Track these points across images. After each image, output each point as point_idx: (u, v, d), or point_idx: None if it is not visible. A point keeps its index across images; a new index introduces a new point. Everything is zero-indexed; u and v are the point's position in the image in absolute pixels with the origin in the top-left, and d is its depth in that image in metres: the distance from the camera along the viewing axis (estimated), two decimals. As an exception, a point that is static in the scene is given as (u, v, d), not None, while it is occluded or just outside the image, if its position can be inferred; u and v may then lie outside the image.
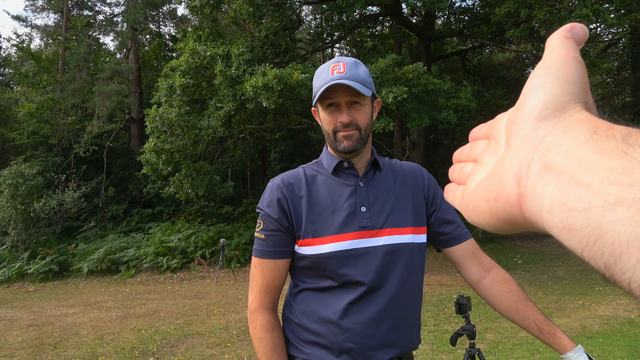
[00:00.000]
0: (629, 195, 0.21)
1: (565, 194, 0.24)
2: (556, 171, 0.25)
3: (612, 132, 0.24)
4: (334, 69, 1.22)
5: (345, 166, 1.31)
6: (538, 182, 0.26)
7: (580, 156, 0.24)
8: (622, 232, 0.21)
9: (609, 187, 0.22)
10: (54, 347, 5.34)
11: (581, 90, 0.29)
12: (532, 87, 0.30)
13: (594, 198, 0.22)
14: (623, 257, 0.21)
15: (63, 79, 17.80)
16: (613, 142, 0.23)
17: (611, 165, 0.22)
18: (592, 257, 0.22)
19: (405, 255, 1.26)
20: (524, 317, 1.25)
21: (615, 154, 0.23)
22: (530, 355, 4.29)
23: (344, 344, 1.20)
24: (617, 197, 0.21)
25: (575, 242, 0.23)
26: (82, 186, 15.20)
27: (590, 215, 0.22)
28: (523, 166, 0.28)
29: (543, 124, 0.28)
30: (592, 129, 0.25)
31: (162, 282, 10.68)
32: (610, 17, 8.29)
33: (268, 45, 10.51)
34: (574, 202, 0.24)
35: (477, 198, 0.32)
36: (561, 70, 0.30)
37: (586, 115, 0.27)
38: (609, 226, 0.21)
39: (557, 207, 0.25)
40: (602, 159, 0.23)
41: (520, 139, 0.29)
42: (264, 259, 1.27)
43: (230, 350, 4.94)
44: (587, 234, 0.22)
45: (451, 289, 7.79)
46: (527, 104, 0.30)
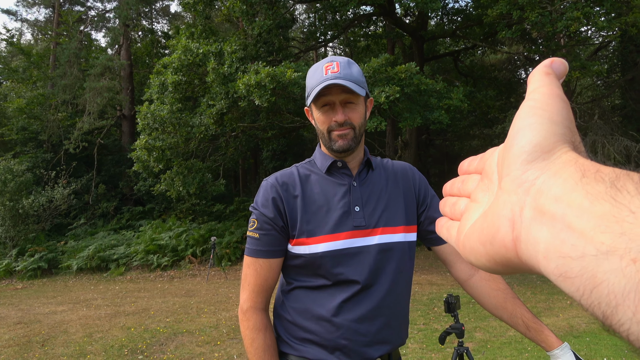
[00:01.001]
0: (620, 245, 0.21)
1: (560, 240, 0.24)
2: (549, 216, 0.25)
3: (601, 175, 0.24)
4: (327, 68, 1.23)
5: (338, 166, 1.31)
6: (532, 227, 0.26)
7: (572, 201, 0.24)
8: (616, 283, 0.21)
9: (600, 236, 0.22)
10: (41, 345, 5.29)
11: (567, 130, 0.29)
12: (519, 129, 0.30)
13: (587, 246, 0.22)
14: (619, 309, 0.20)
15: (53, 75, 17.62)
16: (602, 185, 0.24)
17: (602, 212, 0.22)
18: (590, 306, 0.22)
19: (397, 254, 1.28)
20: (511, 314, 1.27)
21: (605, 199, 0.23)
22: (518, 354, 4.33)
23: (337, 341, 1.21)
24: (609, 247, 0.21)
25: (572, 289, 0.23)
26: (72, 183, 15.07)
27: (584, 263, 0.22)
28: (516, 210, 0.28)
29: (533, 166, 0.28)
30: (581, 172, 0.25)
31: (152, 280, 10.62)
32: (600, 20, 8.38)
33: (261, 43, 10.49)
34: (568, 249, 0.24)
35: (473, 240, 0.32)
36: (547, 111, 0.30)
37: (574, 156, 0.27)
38: (604, 276, 0.21)
39: (552, 253, 0.25)
40: (592, 205, 0.23)
41: (511, 182, 0.29)
42: (258, 259, 1.26)
43: (220, 349, 4.93)
44: (583, 282, 0.22)
45: (441, 288, 7.83)
46: (516, 146, 0.30)
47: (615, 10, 8.76)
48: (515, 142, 0.30)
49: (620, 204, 0.22)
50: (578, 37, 10.25)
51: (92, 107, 16.15)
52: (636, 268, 0.20)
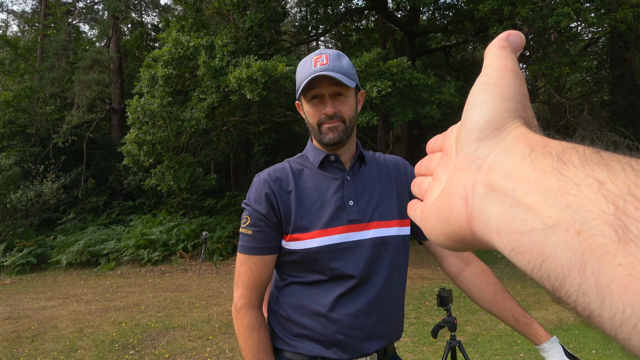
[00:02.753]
0: (565, 217, 0.21)
1: (510, 216, 0.25)
2: (499, 192, 0.26)
3: (548, 149, 0.25)
4: (316, 60, 1.21)
5: (331, 160, 1.30)
6: (484, 204, 0.27)
7: (520, 176, 0.25)
8: (562, 256, 0.21)
9: (547, 210, 0.22)
10: (31, 341, 5.25)
11: (519, 105, 0.30)
12: (472, 106, 0.30)
13: (535, 221, 0.23)
14: (567, 282, 0.21)
15: (41, 68, 17.36)
16: (549, 159, 0.24)
17: (548, 185, 0.23)
18: (540, 279, 0.23)
19: (392, 248, 1.28)
20: (501, 308, 1.27)
21: (552, 173, 0.23)
22: (508, 347, 4.39)
23: (333, 336, 1.21)
24: (555, 220, 0.22)
25: (524, 263, 0.24)
26: (61, 177, 14.90)
27: (533, 238, 0.23)
28: (469, 187, 0.28)
29: (484, 143, 0.28)
30: (530, 147, 0.26)
31: (143, 275, 10.57)
32: (590, 17, 8.43)
33: (252, 36, 10.41)
34: (517, 224, 0.24)
35: (432, 219, 0.32)
36: (498, 86, 0.30)
37: (524, 131, 0.27)
38: (551, 249, 0.22)
39: (503, 229, 0.25)
40: (539, 179, 0.24)
41: (464, 159, 0.30)
42: (252, 255, 1.25)
43: (212, 343, 4.92)
44: (533, 256, 0.23)
45: (432, 282, 7.89)
46: (468, 123, 0.30)
47: (605, 7, 8.82)
48: (467, 119, 0.30)
49: (566, 176, 0.22)
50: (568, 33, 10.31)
51: (81, 101, 15.95)
52: (580, 240, 0.20)
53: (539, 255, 0.22)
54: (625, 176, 0.20)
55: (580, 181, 0.22)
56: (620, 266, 0.19)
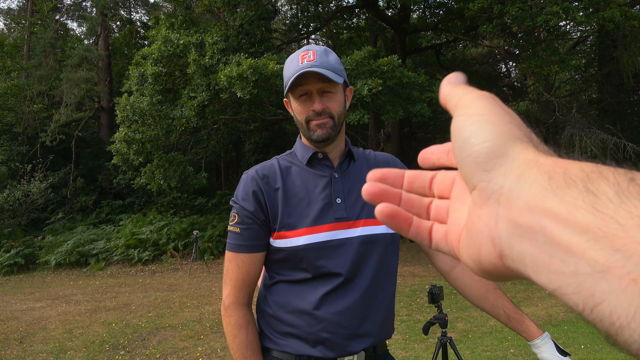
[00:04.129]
0: (616, 263, 0.19)
1: (546, 254, 0.23)
2: (525, 228, 0.24)
3: (570, 176, 0.23)
4: (303, 57, 1.20)
5: (319, 157, 1.29)
6: (512, 241, 0.25)
7: (547, 210, 0.23)
8: (618, 305, 0.19)
9: (591, 252, 0.20)
10: (19, 342, 5.18)
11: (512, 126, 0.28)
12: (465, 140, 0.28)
13: (579, 263, 0.21)
14: (625, 331, 0.19)
15: (28, 65, 17.13)
16: (575, 191, 0.22)
17: (585, 223, 0.21)
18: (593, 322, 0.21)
19: (380, 246, 1.27)
20: (493, 305, 1.27)
21: (584, 208, 0.21)
22: (499, 343, 4.42)
23: (319, 335, 1.20)
24: (604, 265, 0.20)
25: (571, 304, 0.22)
26: (49, 176, 14.73)
27: (580, 280, 0.21)
28: (492, 225, 0.27)
29: (493, 174, 0.27)
30: (546, 174, 0.24)
31: (133, 275, 10.49)
32: (579, 15, 8.51)
33: (243, 34, 10.37)
34: (558, 265, 0.22)
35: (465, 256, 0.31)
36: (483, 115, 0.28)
37: (532, 155, 0.26)
38: (604, 296, 0.20)
39: (540, 268, 0.23)
40: (570, 215, 0.22)
41: (478, 195, 0.28)
42: (240, 253, 1.24)
43: (203, 343, 4.90)
44: (581, 300, 0.21)
45: (423, 279, 7.92)
46: (468, 159, 0.28)
47: (593, 6, 8.90)
48: (465, 154, 0.28)
49: (604, 214, 0.20)
50: (557, 31, 10.41)
51: (69, 99, 15.76)
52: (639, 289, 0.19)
53: (589, 300, 0.20)
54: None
55: (625, 221, 0.20)
56: None
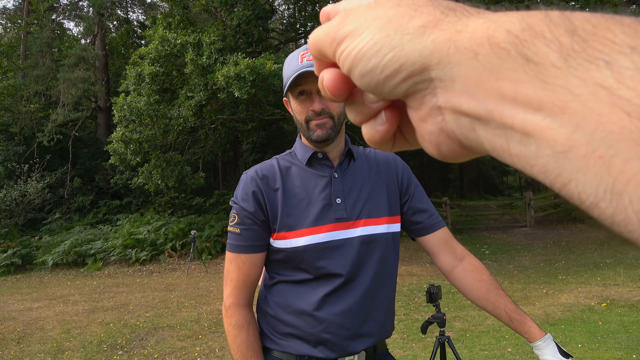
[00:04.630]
0: (578, 141, 0.18)
1: (503, 139, 0.21)
2: (473, 115, 0.22)
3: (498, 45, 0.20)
4: (303, 56, 1.19)
5: (319, 157, 1.29)
6: (464, 132, 0.23)
7: (487, 90, 0.20)
8: (586, 185, 0.18)
9: (550, 132, 0.18)
10: (17, 343, 5.17)
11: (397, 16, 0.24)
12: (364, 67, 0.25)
13: (539, 145, 0.19)
14: (595, 210, 0.18)
15: (25, 65, 17.08)
16: (511, 62, 0.19)
17: (536, 99, 0.19)
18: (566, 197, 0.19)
19: (381, 246, 1.27)
20: (494, 305, 1.26)
21: (529, 81, 0.19)
22: (496, 342, 4.43)
23: (320, 335, 1.20)
24: (566, 146, 0.18)
25: (539, 179, 0.20)
26: (46, 176, 14.68)
27: (543, 162, 0.19)
28: (438, 120, 0.24)
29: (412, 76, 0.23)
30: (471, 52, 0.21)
31: (131, 275, 10.47)
32: (575, 15, 8.54)
33: (240, 34, 10.36)
34: (517, 148, 0.20)
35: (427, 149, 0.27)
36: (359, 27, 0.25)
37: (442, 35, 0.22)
38: (570, 176, 0.18)
39: (501, 153, 0.21)
40: (516, 92, 0.19)
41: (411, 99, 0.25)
42: (240, 254, 1.24)
43: (201, 343, 4.90)
44: (548, 179, 0.19)
45: (421, 279, 7.94)
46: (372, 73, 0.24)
47: (589, 6, 8.95)
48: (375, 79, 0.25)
49: (554, 85, 0.18)
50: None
51: (66, 99, 15.72)
52: (606, 166, 0.17)
53: (557, 180, 0.19)
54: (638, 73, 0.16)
55: (579, 89, 0.17)
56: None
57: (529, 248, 10.66)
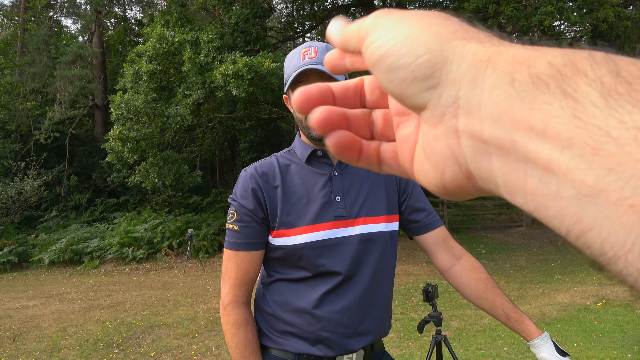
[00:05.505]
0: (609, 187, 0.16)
1: (521, 173, 0.19)
2: (493, 144, 0.20)
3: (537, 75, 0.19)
4: (305, 54, 1.20)
5: (319, 155, 1.29)
6: (479, 160, 0.21)
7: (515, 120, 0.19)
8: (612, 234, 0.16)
9: (577, 172, 0.17)
10: (12, 341, 5.15)
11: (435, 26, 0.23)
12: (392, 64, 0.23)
13: (561, 185, 0.17)
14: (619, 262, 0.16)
15: (21, 62, 17.00)
16: (549, 95, 0.18)
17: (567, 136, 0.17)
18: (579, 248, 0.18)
19: (379, 244, 1.27)
20: (492, 304, 1.27)
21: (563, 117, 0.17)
22: (492, 341, 4.45)
23: (318, 334, 1.20)
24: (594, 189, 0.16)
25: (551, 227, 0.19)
26: (42, 174, 14.62)
27: (563, 204, 0.17)
28: (453, 144, 0.22)
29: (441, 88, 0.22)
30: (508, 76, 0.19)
31: (128, 273, 10.45)
32: (573, 16, 8.56)
33: (238, 32, 10.34)
34: (535, 185, 0.18)
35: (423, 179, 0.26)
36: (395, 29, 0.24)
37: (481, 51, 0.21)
38: (594, 222, 0.16)
39: (515, 188, 0.20)
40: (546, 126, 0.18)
41: (430, 115, 0.23)
42: (238, 251, 1.23)
43: (198, 341, 4.90)
44: (565, 224, 0.18)
45: (418, 278, 7.95)
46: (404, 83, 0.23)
47: (587, 6, 8.97)
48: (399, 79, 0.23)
49: (590, 124, 0.16)
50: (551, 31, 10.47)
51: (63, 96, 15.66)
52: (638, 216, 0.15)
53: (575, 226, 0.17)
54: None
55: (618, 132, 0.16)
56: None
57: (526, 248, 10.69)
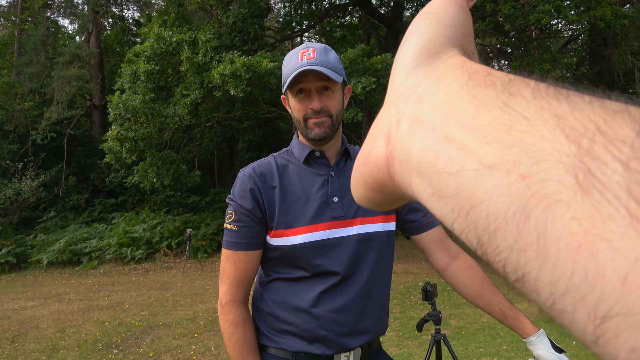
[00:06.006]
0: (508, 157, 0.17)
1: (434, 153, 0.20)
2: (425, 125, 0.22)
3: (492, 78, 0.21)
4: (303, 54, 1.20)
5: (316, 155, 1.30)
6: (406, 139, 0.22)
7: (453, 108, 0.21)
8: (499, 204, 0.17)
9: (485, 147, 0.18)
10: (11, 342, 5.15)
11: (461, 36, 0.26)
12: (408, 34, 0.27)
13: (466, 160, 0.19)
14: (499, 235, 0.17)
15: (19, 63, 16.95)
16: (492, 90, 0.20)
17: (489, 119, 0.19)
18: (464, 231, 0.19)
19: (377, 244, 1.28)
20: (488, 302, 1.28)
21: (495, 105, 0.19)
22: (491, 340, 4.45)
23: (316, 332, 1.21)
24: (495, 159, 0.17)
25: (445, 211, 0.20)
26: (40, 175, 14.59)
27: (462, 180, 0.19)
28: (393, 122, 0.24)
29: (415, 72, 0.24)
30: (468, 75, 0.22)
31: (127, 274, 10.44)
32: (570, 14, 8.58)
33: (236, 32, 10.33)
34: (443, 163, 0.20)
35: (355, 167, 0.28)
36: (439, 14, 0.27)
37: (462, 59, 0.23)
38: (484, 195, 0.17)
39: (425, 168, 0.21)
40: (478, 112, 0.19)
41: (393, 92, 0.25)
42: (237, 251, 1.24)
43: (197, 341, 4.90)
44: (458, 202, 0.19)
45: (417, 277, 7.96)
46: (401, 52, 0.26)
47: (584, 4, 8.97)
48: (401, 49, 0.27)
49: (513, 109, 0.18)
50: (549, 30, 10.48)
51: (61, 97, 15.62)
52: (525, 185, 0.16)
53: (467, 202, 0.18)
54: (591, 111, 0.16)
55: (532, 115, 0.17)
56: (575, 220, 0.15)
57: (524, 246, 10.68)
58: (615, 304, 0.13)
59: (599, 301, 0.14)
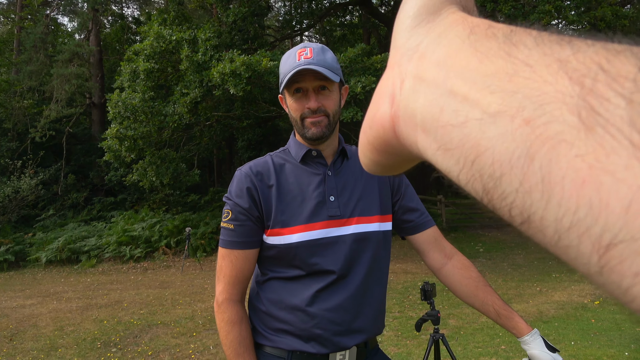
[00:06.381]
0: (512, 104, 0.17)
1: (438, 108, 0.21)
2: (428, 82, 0.22)
3: (493, 30, 0.21)
4: (300, 54, 1.20)
5: (313, 155, 1.30)
6: (410, 98, 0.23)
7: (456, 62, 0.21)
8: (503, 150, 0.17)
9: (489, 97, 0.18)
10: (9, 340, 5.14)
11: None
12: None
13: (470, 110, 0.19)
14: (504, 180, 0.17)
15: (18, 60, 16.94)
16: (494, 42, 0.20)
17: (492, 70, 0.19)
18: (470, 181, 0.19)
19: (373, 244, 1.28)
20: (483, 302, 1.28)
21: (497, 55, 0.19)
22: (490, 340, 4.45)
23: (311, 331, 1.21)
24: (499, 107, 0.18)
25: (451, 163, 0.20)
26: (39, 173, 14.59)
27: (467, 130, 0.19)
28: (397, 83, 0.24)
29: (416, 32, 0.25)
30: (469, 29, 0.22)
31: (125, 272, 10.44)
32: (571, 14, 8.57)
33: (236, 31, 10.32)
34: (448, 116, 0.20)
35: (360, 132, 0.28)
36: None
37: (462, 15, 0.23)
38: (489, 143, 0.18)
39: (430, 124, 0.21)
40: (480, 64, 0.19)
41: (395, 54, 0.26)
42: (233, 250, 1.24)
43: (196, 340, 4.89)
44: (463, 153, 0.19)
45: (416, 276, 7.96)
46: (401, 13, 0.27)
47: (584, 5, 8.97)
48: (401, 10, 0.27)
49: (515, 58, 0.18)
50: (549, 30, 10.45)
51: (60, 95, 15.61)
52: (529, 129, 0.16)
53: (472, 151, 0.18)
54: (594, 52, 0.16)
55: (535, 62, 0.17)
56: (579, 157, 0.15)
57: (523, 246, 10.71)
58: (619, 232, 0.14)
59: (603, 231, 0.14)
